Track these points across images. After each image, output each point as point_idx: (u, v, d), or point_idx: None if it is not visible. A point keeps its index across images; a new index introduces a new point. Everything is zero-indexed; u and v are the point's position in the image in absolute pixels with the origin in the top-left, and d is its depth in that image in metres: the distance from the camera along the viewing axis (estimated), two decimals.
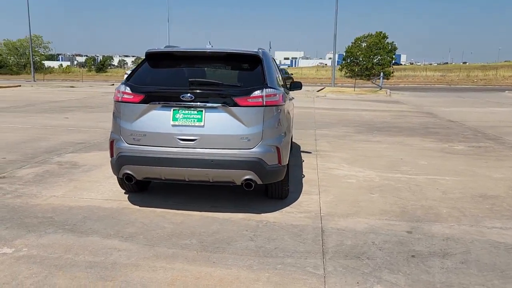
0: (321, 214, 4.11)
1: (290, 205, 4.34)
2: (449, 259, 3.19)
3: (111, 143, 4.04)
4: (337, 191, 4.86)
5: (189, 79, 3.88)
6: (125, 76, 5.13)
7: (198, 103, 3.78)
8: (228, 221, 3.88)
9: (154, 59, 4.26)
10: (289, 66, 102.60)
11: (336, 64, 35.53)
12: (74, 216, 3.94)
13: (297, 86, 6.16)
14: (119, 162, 3.93)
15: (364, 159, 6.67)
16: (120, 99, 3.96)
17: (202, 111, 3.80)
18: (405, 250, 3.33)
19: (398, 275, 2.92)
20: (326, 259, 3.15)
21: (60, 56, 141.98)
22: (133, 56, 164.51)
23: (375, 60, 50.24)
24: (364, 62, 50.49)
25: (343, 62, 52.79)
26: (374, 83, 30.65)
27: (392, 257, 3.20)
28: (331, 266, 3.05)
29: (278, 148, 3.95)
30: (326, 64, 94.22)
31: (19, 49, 60.79)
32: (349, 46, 51.91)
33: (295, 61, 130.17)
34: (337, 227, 3.80)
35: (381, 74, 30.55)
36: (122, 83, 4.06)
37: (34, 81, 38.15)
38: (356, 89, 27.70)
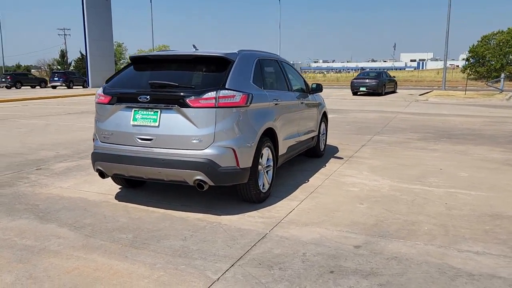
0: (282, 221, 3.95)
1: (260, 209, 4.25)
2: (370, 279, 2.87)
3: (93, 141, 4.41)
4: (325, 199, 4.61)
5: (149, 81, 4.05)
6: None
7: (154, 104, 3.94)
8: (181, 220, 3.96)
9: (135, 63, 4.53)
10: (415, 69, 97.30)
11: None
12: (55, 205, 4.38)
13: (318, 89, 6.01)
14: (92, 158, 4.28)
15: (395, 167, 6.16)
16: (96, 100, 4.31)
17: (157, 112, 3.95)
18: (330, 265, 3.07)
19: None
20: (235, 265, 3.06)
21: None
22: None
23: (506, 60, 44.89)
24: (493, 63, 45.47)
25: (466, 63, 48.19)
26: (490, 86, 27.46)
27: (307, 271, 2.98)
28: (233, 272, 2.96)
29: (234, 150, 3.91)
30: (457, 66, 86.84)
31: None
32: (473, 45, 47.27)
33: (423, 63, 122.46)
34: (283, 235, 3.63)
35: (502, 75, 27.20)
36: (102, 86, 4.41)
37: None
38: (468, 92, 25.15)
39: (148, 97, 3.91)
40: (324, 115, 6.90)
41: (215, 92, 3.84)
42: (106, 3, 37.83)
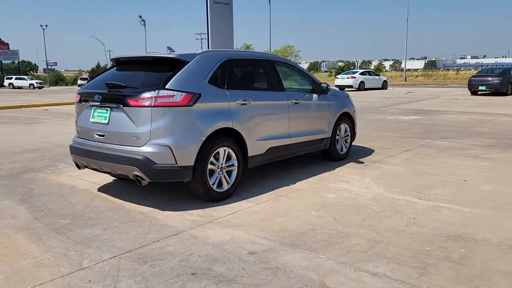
0: (213, 221, 3.99)
1: (207, 208, 4.32)
2: (220, 285, 2.81)
3: None
4: (285, 204, 4.47)
5: (105, 82, 4.42)
6: None
7: (105, 103, 4.30)
8: (125, 212, 4.25)
9: (115, 64, 4.96)
10: None
11: None
12: (45, 190, 5.03)
13: (326, 89, 5.84)
14: (70, 151, 4.82)
15: (411, 175, 5.62)
16: (75, 99, 4.85)
17: (108, 110, 4.30)
18: (200, 267, 3.06)
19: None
20: (115, 257, 3.23)
21: (324, 63, 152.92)
22: (392, 60, 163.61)
23: None
24: None
25: None
26: None
27: (173, 270, 3.03)
28: (105, 263, 3.14)
29: (171, 148, 4.07)
30: None
31: None
32: None
33: None
34: (196, 234, 3.68)
35: None
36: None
37: None
38: None
39: (100, 96, 4.26)
40: (346, 117, 6.52)
41: (153, 92, 4.02)
42: (227, 7, 40.08)
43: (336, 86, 29.83)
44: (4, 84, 55.84)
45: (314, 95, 5.84)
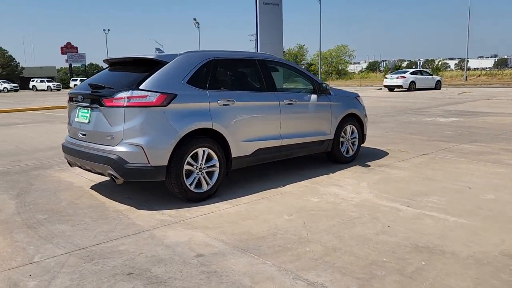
0: (180, 222, 4.01)
1: (182, 209, 4.32)
2: (150, 286, 2.82)
3: None
4: (262, 207, 4.38)
5: (88, 83, 4.56)
6: None
7: (86, 104, 4.45)
8: (103, 209, 4.36)
9: (108, 65, 5.11)
10: None
11: None
12: (43, 186, 5.28)
13: (326, 89, 5.70)
14: (62, 149, 5.03)
15: (414, 181, 5.31)
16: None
17: (89, 110, 4.44)
18: (141, 268, 3.07)
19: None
20: (67, 254, 3.33)
21: (383, 63, 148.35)
22: (458, 59, 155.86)
23: None
24: None
25: None
26: None
27: (113, 269, 3.07)
28: (55, 259, 3.23)
29: (143, 148, 4.13)
30: None
31: (328, 58, 68.60)
32: None
33: None
34: (156, 234, 3.71)
35: None
36: None
37: None
38: None
39: (82, 97, 4.41)
40: (354, 118, 6.28)
41: (126, 92, 4.10)
42: (277, 8, 40.03)
43: (385, 86, 28.88)
44: (70, 85, 59.59)
45: (313, 96, 5.67)
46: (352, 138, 6.35)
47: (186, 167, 4.34)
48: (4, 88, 52.28)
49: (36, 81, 57.80)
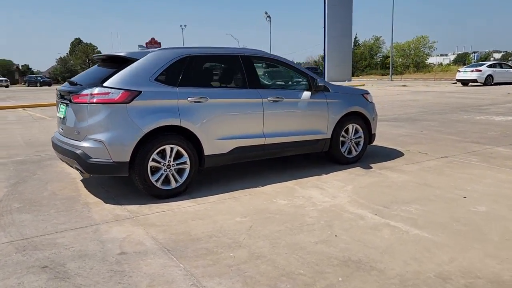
0: (135, 217, 4.09)
1: (145, 205, 4.38)
2: (48, 277, 2.93)
3: None
4: (223, 207, 4.32)
5: (67, 80, 4.78)
6: None
7: (62, 100, 4.68)
8: (75, 202, 4.55)
9: (97, 62, 5.32)
10: None
11: None
12: (45, 176, 5.61)
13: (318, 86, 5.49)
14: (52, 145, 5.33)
15: (410, 187, 4.91)
16: None
17: (65, 106, 4.67)
18: (56, 262, 3.21)
19: None
20: (6, 244, 3.57)
21: (475, 54, 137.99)
22: None
23: None
24: None
25: None
26: None
27: (23, 262, 3.23)
28: None
29: (104, 144, 4.27)
30: None
31: (406, 50, 65.34)
32: None
33: None
34: (99, 229, 3.79)
35: None
36: None
37: (391, 80, 40.87)
38: None
39: (59, 93, 4.63)
40: (358, 117, 5.95)
41: (90, 89, 4.24)
42: (347, 0, 38.89)
43: (458, 80, 26.92)
44: None
45: (306, 93, 5.43)
46: (356, 138, 6.00)
47: (151, 163, 4.37)
48: None
49: None
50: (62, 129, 4.71)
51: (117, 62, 4.57)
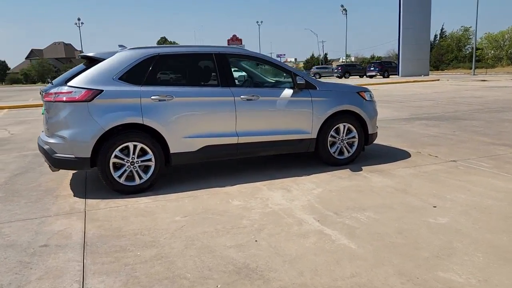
0: (88, 210, 4.30)
1: (107, 199, 4.56)
2: None
3: None
4: (179, 205, 4.37)
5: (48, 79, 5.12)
6: None
7: (43, 98, 5.03)
8: (56, 194, 4.93)
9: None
10: None
11: None
12: (45, 169, 6.06)
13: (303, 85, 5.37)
14: None
15: (385, 193, 4.60)
16: None
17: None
18: None
19: None
20: None
21: None
22: None
23: None
24: None
25: None
26: None
27: None
28: None
29: (67, 140, 4.54)
30: None
31: (499, 41, 60.01)
32: None
33: None
34: (49, 221, 4.02)
35: None
36: None
37: (474, 74, 37.83)
38: None
39: (42, 92, 4.99)
40: (352, 116, 5.66)
41: (56, 88, 4.53)
42: None
43: None
44: None
45: (287, 91, 5.28)
46: (349, 138, 5.69)
47: (113, 160, 4.54)
48: None
49: None
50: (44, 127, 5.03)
51: (90, 62, 4.77)
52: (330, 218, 3.83)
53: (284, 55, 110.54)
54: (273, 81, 5.71)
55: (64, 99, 4.43)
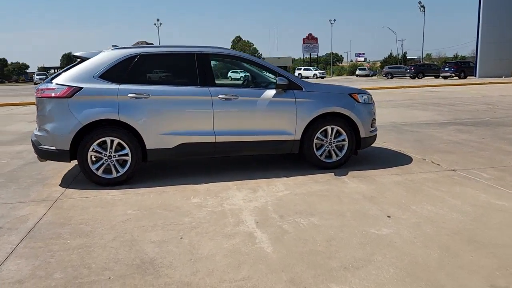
0: (62, 198, 4.66)
1: (90, 190, 4.89)
2: None
3: None
4: (141, 199, 4.56)
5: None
6: None
7: None
8: (42, 181, 5.40)
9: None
10: None
11: None
12: None
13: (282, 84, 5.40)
14: None
15: (349, 199, 4.47)
16: None
17: None
18: None
19: None
20: None
21: None
22: None
23: None
24: None
25: None
26: None
27: None
28: None
29: (49, 133, 4.96)
30: None
31: None
32: None
33: None
34: (20, 206, 4.47)
35: None
36: None
37: None
38: None
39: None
40: (342, 118, 5.51)
41: (42, 85, 4.95)
42: None
43: None
44: (295, 74, 64.75)
45: (268, 91, 5.27)
46: (339, 141, 5.54)
47: (91, 153, 4.85)
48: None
49: (302, 69, 64.77)
50: None
51: (81, 61, 5.12)
52: (271, 221, 3.78)
53: (363, 53, 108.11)
54: (262, 82, 5.68)
55: (49, 95, 4.78)
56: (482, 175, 5.15)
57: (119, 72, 4.93)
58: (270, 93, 5.24)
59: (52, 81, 4.90)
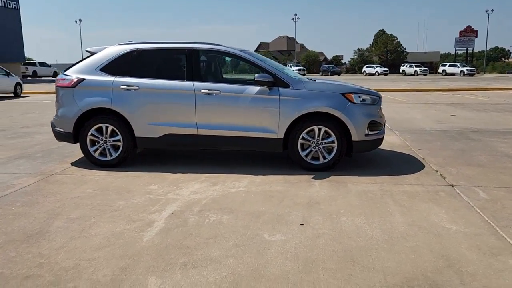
0: (58, 173, 5.52)
1: (82, 169, 5.69)
2: None
3: None
4: (112, 182, 5.01)
5: None
6: None
7: None
8: (53, 156, 6.37)
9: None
10: None
11: None
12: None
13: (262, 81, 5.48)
14: None
15: (301, 207, 4.41)
16: None
17: None
18: None
19: None
20: None
21: None
22: None
23: None
24: None
25: None
26: None
27: None
28: None
29: (59, 117, 5.83)
30: None
31: None
32: None
33: None
34: (11, 179, 5.44)
35: None
36: None
37: None
38: None
39: None
40: (331, 119, 5.25)
41: (59, 76, 5.84)
42: None
43: None
44: (439, 71, 60.26)
45: (251, 88, 5.30)
46: (327, 143, 5.34)
47: (90, 137, 5.54)
48: (372, 71, 58.78)
49: (405, 66, 61.34)
50: None
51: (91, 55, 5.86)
52: (185, 214, 3.90)
53: None
54: (241, 78, 5.71)
55: (60, 84, 5.58)
56: (479, 194, 4.46)
57: (117, 65, 5.48)
58: (254, 89, 5.24)
59: (65, 72, 5.64)
